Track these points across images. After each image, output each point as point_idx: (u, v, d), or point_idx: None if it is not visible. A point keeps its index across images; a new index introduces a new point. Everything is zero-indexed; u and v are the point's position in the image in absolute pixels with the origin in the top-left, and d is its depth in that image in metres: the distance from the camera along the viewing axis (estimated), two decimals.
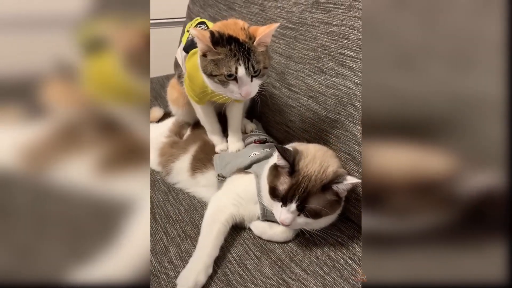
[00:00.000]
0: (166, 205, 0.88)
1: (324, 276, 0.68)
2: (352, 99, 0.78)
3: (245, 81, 0.73)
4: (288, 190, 0.69)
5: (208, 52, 0.73)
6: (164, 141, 1.01)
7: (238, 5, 1.22)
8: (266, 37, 0.74)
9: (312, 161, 0.71)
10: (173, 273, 0.69)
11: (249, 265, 0.71)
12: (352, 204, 0.79)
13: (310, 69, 0.89)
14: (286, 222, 0.69)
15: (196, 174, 0.90)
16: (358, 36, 0.79)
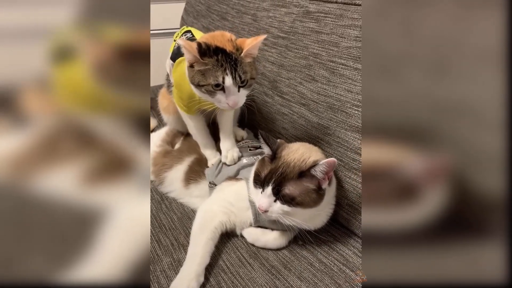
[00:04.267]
0: (159, 214, 0.87)
1: (318, 283, 0.67)
2: (343, 106, 0.79)
3: (232, 91, 0.74)
4: (266, 174, 0.71)
5: (195, 63, 0.74)
6: (156, 150, 1.02)
7: (230, 15, 1.23)
8: (253, 49, 0.75)
9: (295, 152, 0.73)
10: (166, 282, 0.68)
11: (242, 273, 0.70)
12: (344, 210, 0.79)
13: (301, 77, 0.90)
14: (263, 207, 0.69)
15: (190, 185, 0.90)
16: (348, 44, 0.80)
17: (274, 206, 0.70)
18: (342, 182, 0.78)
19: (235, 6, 1.23)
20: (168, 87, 0.99)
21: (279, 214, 0.70)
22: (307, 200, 0.69)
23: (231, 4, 1.25)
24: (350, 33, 0.80)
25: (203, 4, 1.43)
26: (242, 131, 1.00)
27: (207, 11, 1.39)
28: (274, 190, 0.69)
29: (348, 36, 0.80)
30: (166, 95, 1.03)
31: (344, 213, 0.79)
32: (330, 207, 0.76)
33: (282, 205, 0.69)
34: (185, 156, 0.95)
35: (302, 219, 0.71)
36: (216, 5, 1.34)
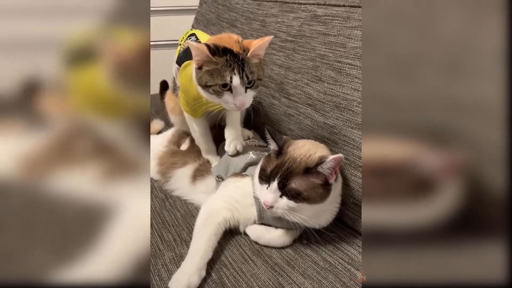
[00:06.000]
0: (163, 211, 0.87)
1: (322, 280, 0.66)
2: (349, 105, 0.79)
3: (240, 91, 0.74)
4: (272, 169, 0.70)
5: (204, 64, 0.75)
6: (163, 150, 1.02)
7: (240, 22, 1.26)
8: (260, 49, 0.76)
9: (301, 148, 0.73)
10: (167, 276, 0.67)
11: (245, 269, 0.69)
12: (350, 209, 0.77)
13: (308, 78, 0.91)
14: (268, 202, 0.68)
15: (196, 181, 0.90)
16: (355, 45, 0.81)
17: (279, 201, 0.69)
18: (348, 180, 0.78)
19: (244, 13, 1.25)
20: (174, 90, 1.02)
21: (284, 210, 0.69)
22: (313, 195, 0.68)
23: (240, 12, 1.27)
24: (357, 34, 0.81)
25: (213, 13, 1.47)
26: (248, 131, 1.00)
27: (217, 19, 1.42)
28: (279, 185, 0.68)
29: (355, 37, 0.81)
30: (172, 97, 1.06)
31: (349, 212, 0.78)
32: (335, 205, 0.75)
33: (288, 201, 0.68)
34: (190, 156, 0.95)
35: (307, 215, 0.69)
36: (226, 13, 1.37)
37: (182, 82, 0.88)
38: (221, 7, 1.42)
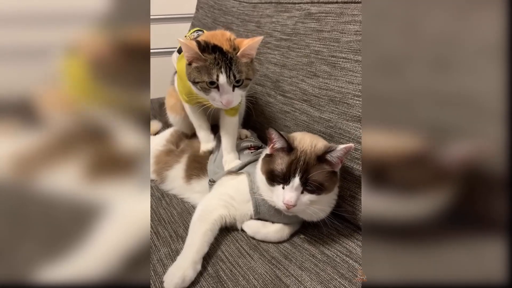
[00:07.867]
0: (159, 209, 0.86)
1: (320, 272, 0.65)
2: (344, 98, 0.79)
3: (227, 89, 0.74)
4: (289, 166, 0.67)
5: (193, 60, 0.75)
6: (160, 149, 1.02)
7: (235, 25, 1.27)
8: (250, 49, 0.76)
9: (303, 140, 0.72)
10: (162, 271, 0.66)
11: (241, 263, 0.68)
12: (347, 202, 0.77)
13: (303, 74, 0.91)
14: (292, 202, 0.65)
15: (192, 181, 0.89)
16: (348, 39, 0.81)
17: (302, 198, 0.67)
18: (344, 173, 0.77)
19: (240, 16, 1.26)
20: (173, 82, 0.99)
21: (306, 206, 0.68)
22: (330, 183, 0.68)
23: (236, 15, 1.29)
24: (351, 28, 0.81)
25: (209, 17, 1.48)
26: (246, 131, 1.00)
27: (213, 23, 1.43)
28: (302, 180, 0.66)
29: (348, 31, 0.82)
30: (173, 93, 1.03)
31: (347, 205, 0.77)
32: (334, 197, 0.74)
33: (311, 195, 0.67)
34: (183, 154, 0.95)
35: (322, 205, 0.70)
36: (222, 17, 1.38)
37: (180, 69, 0.87)
38: (217, 11, 1.43)
